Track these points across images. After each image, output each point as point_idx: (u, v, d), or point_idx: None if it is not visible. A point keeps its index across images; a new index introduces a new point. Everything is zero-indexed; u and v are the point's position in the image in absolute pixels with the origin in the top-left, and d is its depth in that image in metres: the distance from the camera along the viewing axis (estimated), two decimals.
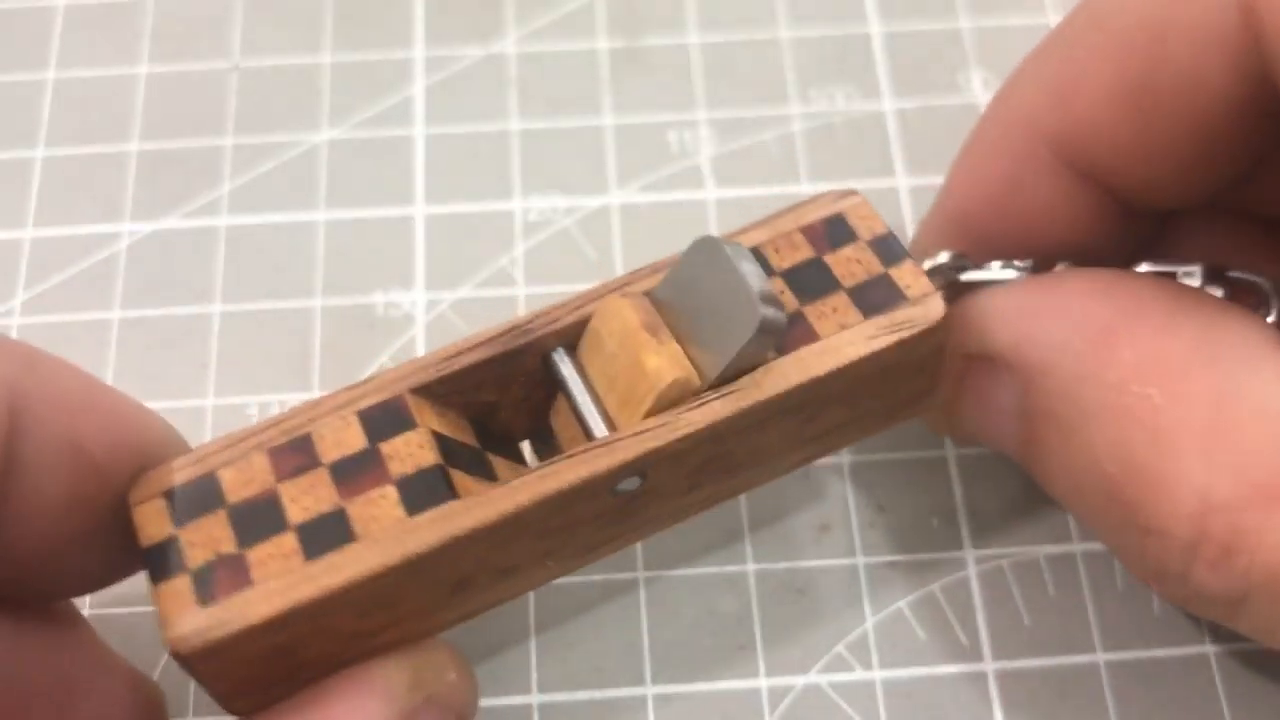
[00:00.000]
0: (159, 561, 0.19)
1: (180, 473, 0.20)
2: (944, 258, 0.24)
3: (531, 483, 0.19)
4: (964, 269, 0.24)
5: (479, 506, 0.19)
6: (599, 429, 0.20)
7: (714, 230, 0.29)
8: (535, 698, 0.25)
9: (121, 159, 0.31)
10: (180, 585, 0.18)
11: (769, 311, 0.19)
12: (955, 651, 0.26)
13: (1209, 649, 0.26)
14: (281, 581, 0.18)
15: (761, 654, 0.25)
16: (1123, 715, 0.25)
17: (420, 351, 0.28)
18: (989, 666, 0.25)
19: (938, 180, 0.25)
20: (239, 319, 0.29)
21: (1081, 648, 0.26)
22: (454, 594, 0.20)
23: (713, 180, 0.30)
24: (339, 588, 0.18)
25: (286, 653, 0.19)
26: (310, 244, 0.30)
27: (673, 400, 0.20)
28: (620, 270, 0.29)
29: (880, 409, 0.23)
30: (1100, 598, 0.26)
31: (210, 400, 0.28)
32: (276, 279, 0.29)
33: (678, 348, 0.20)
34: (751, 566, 0.26)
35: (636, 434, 0.20)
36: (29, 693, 0.20)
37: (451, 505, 0.19)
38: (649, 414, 0.20)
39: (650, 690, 0.25)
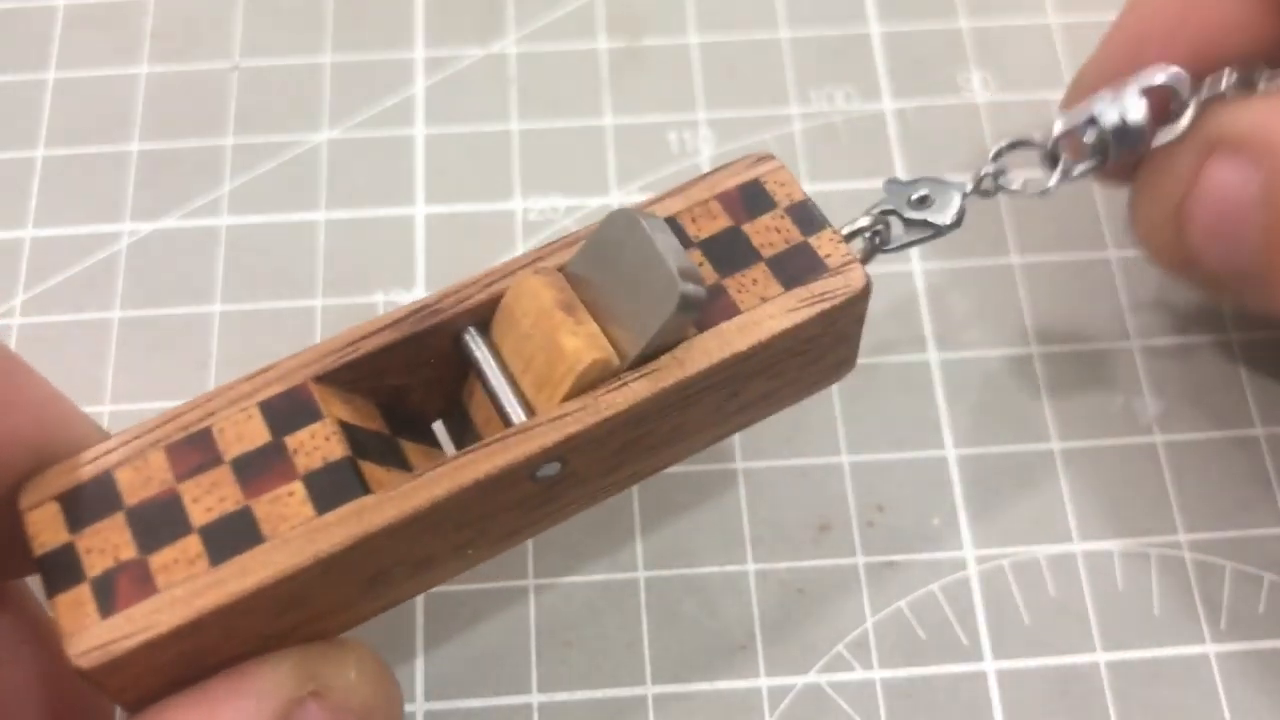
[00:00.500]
0: (55, 571, 0.18)
1: (74, 474, 0.18)
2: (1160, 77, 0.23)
3: (447, 474, 0.19)
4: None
5: (392, 502, 0.18)
6: (515, 413, 0.20)
7: None
8: (535, 698, 0.25)
9: (121, 159, 0.31)
10: (80, 595, 0.18)
11: (688, 287, 0.19)
12: (955, 651, 0.26)
13: (1209, 649, 0.26)
14: (187, 588, 0.18)
15: (761, 654, 0.25)
16: (1123, 715, 0.25)
17: None
18: (989, 666, 0.25)
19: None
20: (239, 319, 0.29)
21: (1081, 648, 0.26)
22: (369, 588, 0.20)
23: None
24: (248, 593, 0.18)
25: (195, 658, 0.18)
26: (310, 244, 0.30)
27: (592, 381, 0.19)
28: None
29: (803, 379, 0.22)
30: (1100, 598, 0.26)
31: None
32: (276, 279, 0.29)
33: (595, 327, 0.20)
34: (751, 566, 0.26)
35: (555, 419, 0.19)
36: None
37: (363, 501, 0.18)
38: (567, 397, 0.19)
39: (650, 690, 0.25)
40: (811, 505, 0.27)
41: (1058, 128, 0.24)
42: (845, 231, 0.22)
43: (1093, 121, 0.24)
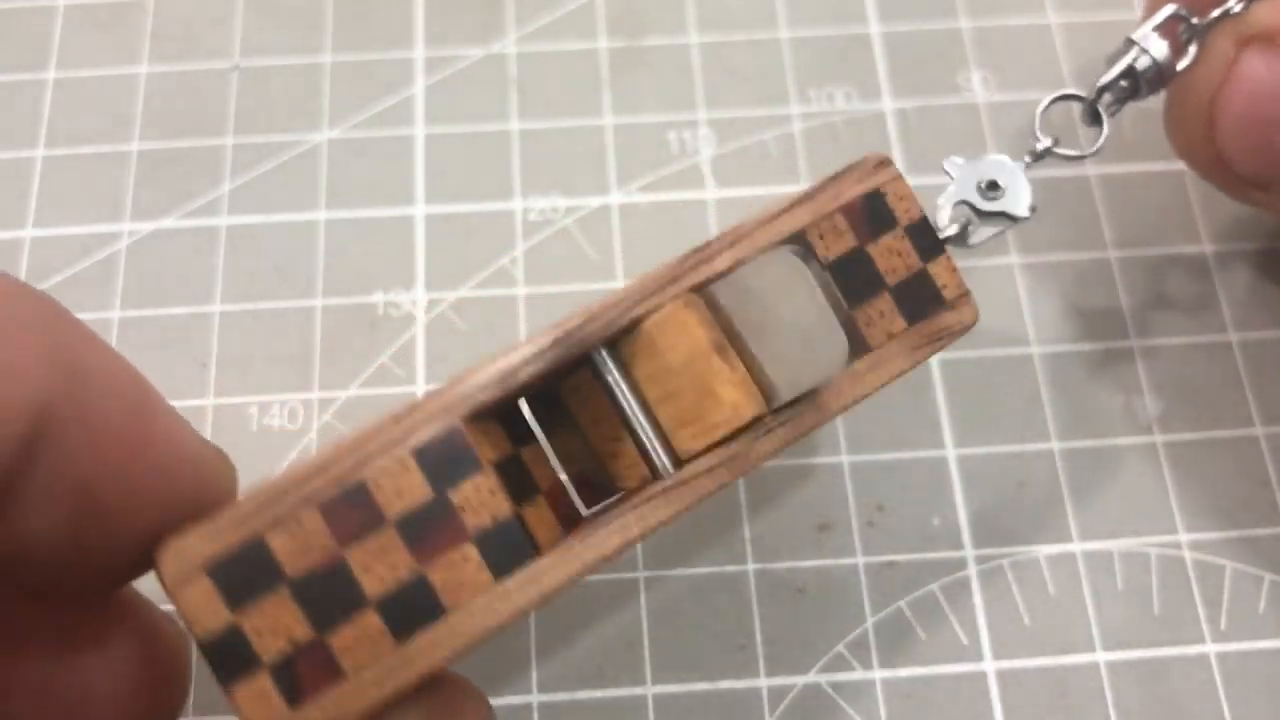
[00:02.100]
0: (225, 657, 0.17)
1: (220, 541, 0.17)
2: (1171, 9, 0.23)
3: (615, 532, 0.19)
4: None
5: (566, 563, 0.18)
6: (657, 452, 0.20)
7: (713, 229, 0.29)
8: (535, 698, 0.25)
9: (121, 159, 0.31)
10: (260, 685, 0.17)
11: (851, 339, 0.19)
12: (955, 651, 0.26)
13: (1209, 649, 0.26)
14: (377, 671, 0.17)
15: (761, 654, 0.25)
16: (1123, 715, 0.25)
17: (420, 352, 0.28)
18: (989, 666, 0.25)
19: (938, 180, 0.25)
20: (239, 319, 0.29)
21: (1081, 648, 0.26)
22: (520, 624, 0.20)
23: (713, 180, 0.30)
24: (436, 668, 0.17)
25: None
26: (310, 244, 0.30)
27: (742, 429, 0.19)
28: (620, 271, 0.29)
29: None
30: (1100, 598, 0.26)
31: (210, 400, 0.28)
32: (276, 279, 0.29)
33: (746, 373, 0.19)
34: (751, 566, 0.26)
35: (711, 469, 0.19)
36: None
37: (539, 565, 0.18)
38: (717, 444, 0.19)
39: (650, 690, 0.25)
40: (811, 505, 0.27)
41: (1102, 81, 0.24)
42: (943, 236, 0.22)
43: (1129, 72, 0.24)
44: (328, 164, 0.31)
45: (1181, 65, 0.24)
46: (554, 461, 0.21)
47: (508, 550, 0.18)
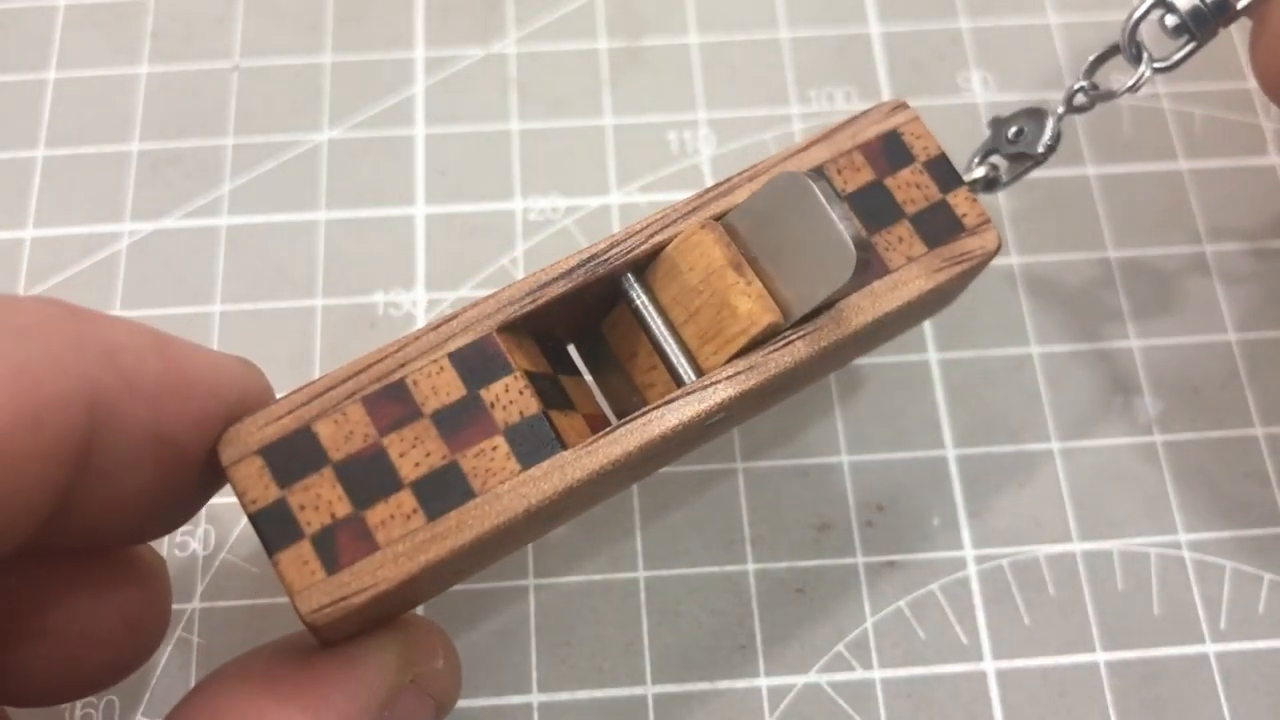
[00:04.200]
0: (271, 527, 0.18)
1: (272, 427, 0.19)
2: None
3: (637, 430, 0.20)
4: None
5: (591, 456, 0.19)
6: (683, 366, 0.21)
7: None
8: (535, 697, 0.25)
9: (121, 159, 0.31)
10: (302, 552, 0.18)
11: (862, 255, 0.20)
12: (955, 651, 0.26)
13: (1209, 649, 0.26)
14: (408, 544, 0.18)
15: (761, 654, 0.25)
16: (1123, 715, 0.25)
17: None
18: (989, 666, 0.25)
19: None
20: (239, 319, 0.29)
21: (1081, 648, 0.26)
22: (547, 523, 0.21)
23: (713, 180, 0.30)
24: (465, 546, 0.19)
25: (394, 604, 0.19)
26: (310, 244, 0.30)
27: (759, 341, 0.21)
28: None
29: (920, 318, 0.25)
30: (1100, 598, 0.26)
31: None
32: (276, 279, 0.29)
33: (762, 287, 0.21)
34: (751, 566, 0.26)
35: (730, 377, 0.20)
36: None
37: (563, 456, 0.19)
38: (736, 354, 0.20)
39: (650, 690, 0.25)
40: (811, 505, 0.27)
41: (1129, 21, 0.24)
42: (967, 179, 0.23)
43: (1168, 7, 0.24)
44: (328, 164, 0.31)
45: None
46: (596, 393, 0.23)
47: (535, 443, 0.19)
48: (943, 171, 0.23)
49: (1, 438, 0.15)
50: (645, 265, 0.22)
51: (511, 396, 0.20)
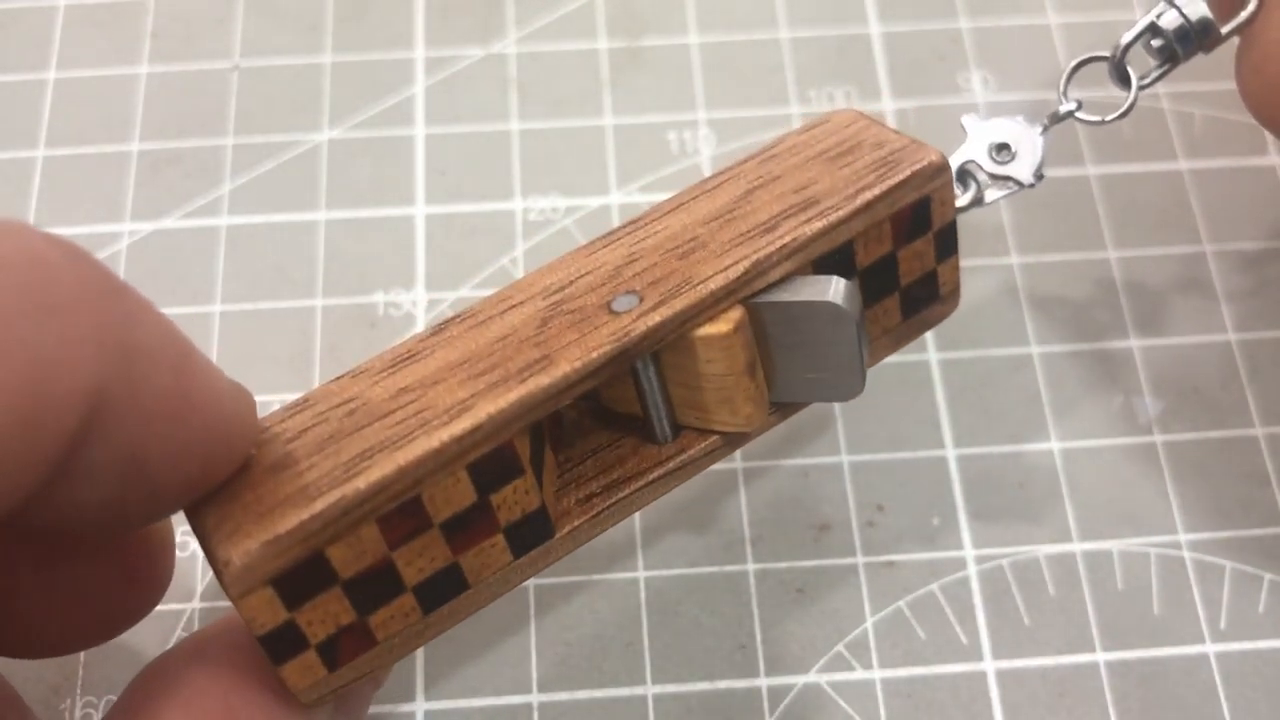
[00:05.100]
0: (279, 646, 0.18)
1: (283, 556, 0.17)
2: None
3: (619, 510, 0.20)
4: None
5: (573, 538, 0.20)
6: (663, 426, 0.21)
7: None
8: (535, 697, 0.25)
9: (121, 159, 0.31)
10: (307, 660, 0.18)
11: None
12: (955, 651, 0.26)
13: (1209, 649, 0.26)
14: (404, 636, 0.19)
15: (761, 654, 0.25)
16: (1123, 715, 0.25)
17: None
18: (989, 666, 0.25)
19: None
20: (239, 319, 0.29)
21: (1081, 648, 0.26)
22: None
23: None
24: (454, 626, 0.20)
25: None
26: (310, 244, 0.30)
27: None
28: None
29: None
30: (1100, 598, 0.26)
31: None
32: (276, 279, 0.29)
33: (764, 387, 0.20)
34: (751, 566, 0.26)
35: (707, 454, 0.21)
36: None
37: (551, 543, 0.20)
38: (714, 432, 0.21)
39: (650, 690, 0.25)
40: (811, 505, 0.27)
41: (1125, 39, 0.24)
42: (958, 205, 0.22)
43: (1155, 29, 0.24)
44: (328, 164, 0.31)
45: (1243, 15, 0.23)
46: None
47: (530, 535, 0.20)
48: (946, 240, 0.21)
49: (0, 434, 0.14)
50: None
51: (518, 497, 0.19)
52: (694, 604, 0.26)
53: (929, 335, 0.29)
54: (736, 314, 0.20)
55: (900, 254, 0.21)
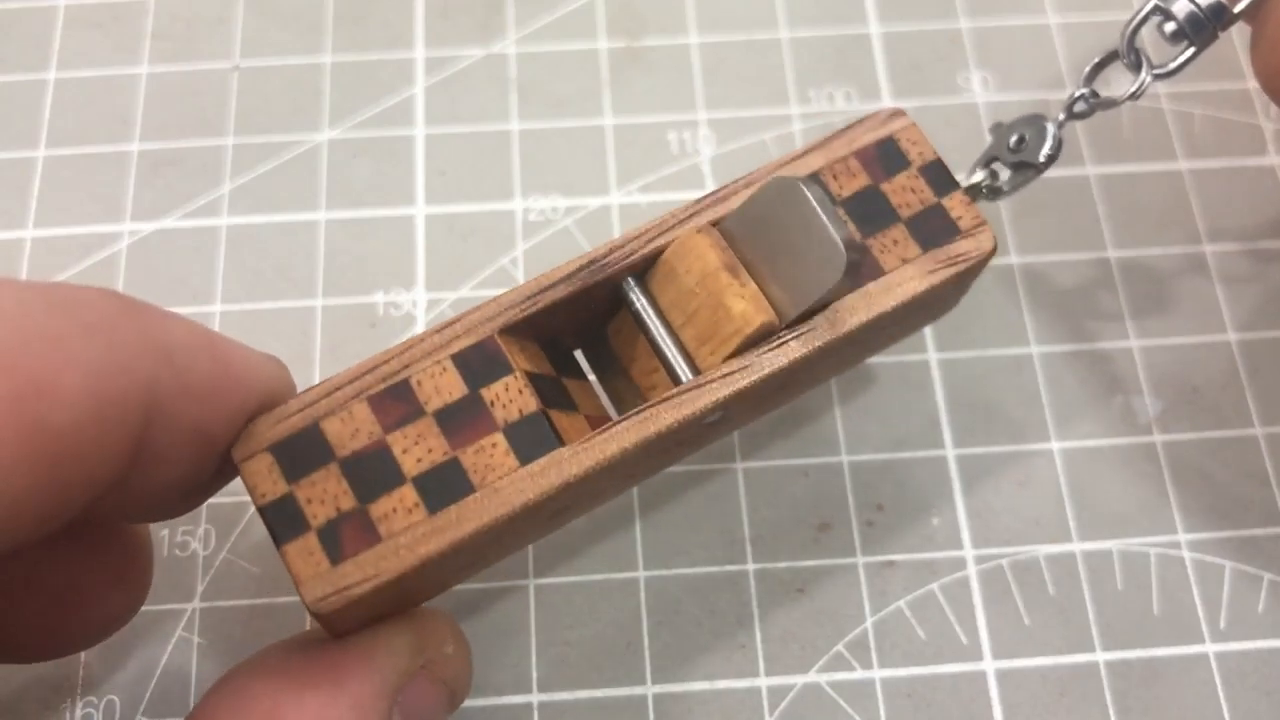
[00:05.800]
0: (279, 520, 0.19)
1: (282, 425, 0.20)
2: None
3: (633, 427, 0.20)
4: None
5: (587, 453, 0.20)
6: (681, 367, 0.21)
7: None
8: (535, 697, 0.25)
9: (121, 159, 0.31)
10: (308, 544, 0.19)
11: (852, 256, 0.20)
12: (955, 651, 0.26)
13: (1209, 649, 0.26)
14: (409, 536, 0.19)
15: (761, 654, 0.25)
16: (1122, 715, 0.25)
17: None
18: (989, 666, 0.25)
19: None
20: (239, 319, 0.29)
21: (1081, 647, 0.26)
22: (549, 521, 0.21)
23: (713, 180, 0.30)
24: (464, 539, 0.19)
25: (400, 595, 0.20)
26: (310, 244, 0.30)
27: (754, 340, 0.21)
28: None
29: (921, 322, 0.25)
30: (1100, 598, 0.26)
31: None
32: (276, 279, 0.29)
33: (756, 288, 0.21)
34: (751, 566, 0.26)
35: (724, 376, 0.21)
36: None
37: (560, 453, 0.20)
38: (731, 354, 0.21)
39: (650, 690, 0.25)
40: (811, 505, 0.27)
41: (1128, 29, 0.24)
42: (965, 184, 0.24)
43: (1165, 14, 0.24)
44: (328, 164, 0.31)
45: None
46: (602, 396, 0.23)
47: (533, 440, 0.20)
48: (938, 176, 0.23)
49: (74, 432, 0.16)
50: (646, 270, 0.22)
51: (511, 396, 0.20)
52: (694, 604, 0.26)
53: (929, 335, 0.29)
54: (700, 223, 0.22)
55: (884, 187, 0.23)
